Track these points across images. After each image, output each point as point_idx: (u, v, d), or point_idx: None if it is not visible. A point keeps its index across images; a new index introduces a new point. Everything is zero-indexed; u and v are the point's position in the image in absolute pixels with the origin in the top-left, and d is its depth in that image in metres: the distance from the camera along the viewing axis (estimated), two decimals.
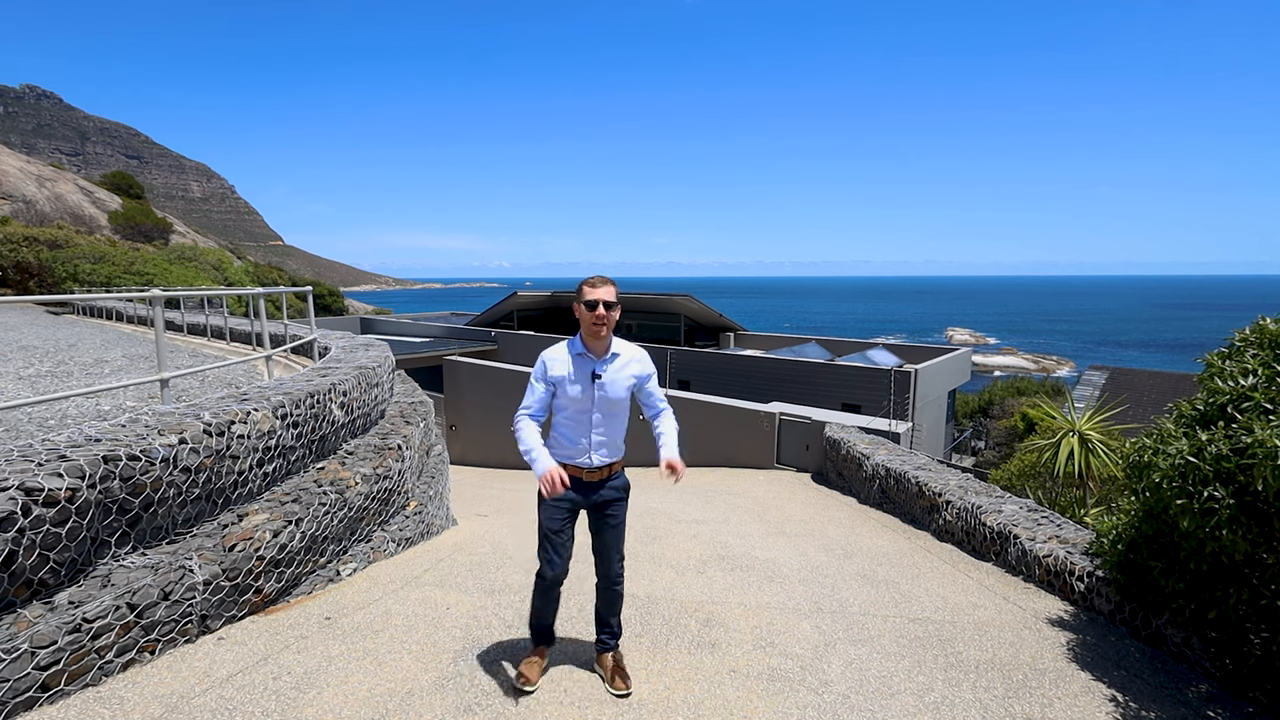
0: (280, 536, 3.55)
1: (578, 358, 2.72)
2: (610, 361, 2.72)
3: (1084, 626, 3.75)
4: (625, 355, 2.77)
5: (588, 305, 2.64)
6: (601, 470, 2.74)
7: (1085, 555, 4.31)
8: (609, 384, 2.69)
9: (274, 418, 4.00)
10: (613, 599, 2.86)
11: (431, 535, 5.45)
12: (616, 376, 2.71)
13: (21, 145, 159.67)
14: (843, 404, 15.34)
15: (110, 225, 38.26)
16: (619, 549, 2.82)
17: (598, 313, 2.63)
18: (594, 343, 2.71)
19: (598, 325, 2.64)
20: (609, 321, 2.66)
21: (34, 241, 25.29)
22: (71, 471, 2.70)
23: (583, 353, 2.71)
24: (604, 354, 2.72)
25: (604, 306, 2.63)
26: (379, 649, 3.03)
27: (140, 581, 2.79)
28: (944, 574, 4.75)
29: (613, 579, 2.82)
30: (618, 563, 2.81)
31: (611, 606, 2.88)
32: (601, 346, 2.72)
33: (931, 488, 6.29)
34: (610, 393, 2.69)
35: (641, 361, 2.81)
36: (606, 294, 2.65)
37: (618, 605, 2.89)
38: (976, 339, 78.29)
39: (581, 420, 2.70)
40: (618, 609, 2.90)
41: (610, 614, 2.89)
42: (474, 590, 3.91)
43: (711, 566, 4.70)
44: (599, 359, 2.71)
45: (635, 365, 2.78)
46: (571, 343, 2.76)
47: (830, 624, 3.62)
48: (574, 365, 2.70)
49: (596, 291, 2.64)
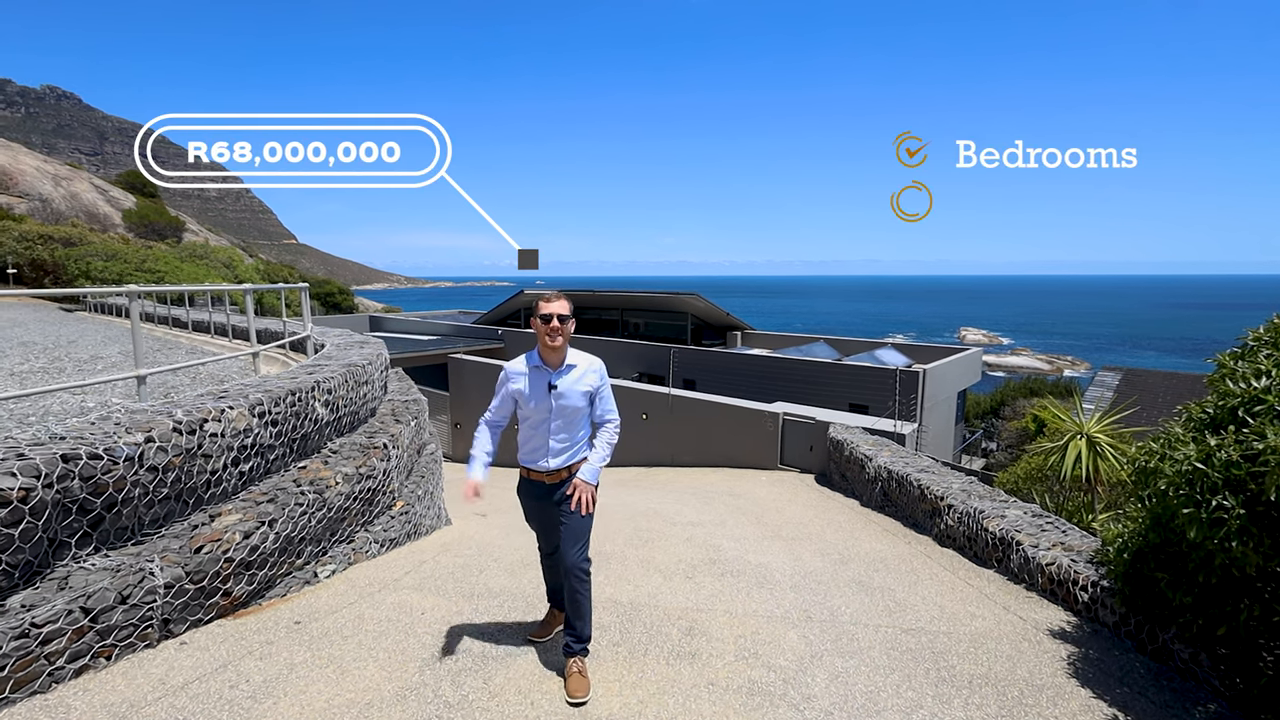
0: (252, 538, 3.46)
1: (534, 370, 2.85)
2: (566, 373, 2.84)
3: (1087, 639, 3.58)
4: (581, 366, 2.88)
5: (542, 319, 2.76)
6: (560, 472, 2.86)
7: (1090, 564, 4.13)
8: (565, 394, 2.81)
9: (250, 415, 3.92)
10: (574, 598, 2.81)
11: (419, 536, 5.36)
12: (573, 387, 2.83)
13: (42, 145, 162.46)
14: (850, 404, 15.11)
15: (124, 223, 38.71)
16: (579, 541, 2.81)
17: (551, 325, 2.75)
18: (549, 354, 2.81)
19: (552, 337, 2.76)
20: (564, 334, 2.78)
21: (49, 239, 25.59)
22: (26, 470, 2.62)
23: (539, 365, 2.84)
24: (559, 365, 2.84)
25: (558, 320, 2.76)
26: (344, 656, 2.93)
27: (96, 584, 2.70)
28: (943, 581, 4.58)
29: (571, 570, 2.79)
30: (574, 553, 2.79)
31: (574, 605, 2.82)
32: (557, 358, 2.83)
33: (934, 491, 6.11)
34: (567, 402, 2.81)
35: (597, 372, 2.92)
36: (560, 308, 2.77)
37: (580, 605, 2.81)
38: (990, 339, 77.37)
39: (540, 428, 2.83)
40: (581, 609, 2.82)
41: (574, 613, 2.83)
42: (453, 594, 3.81)
43: (701, 571, 4.57)
44: (554, 370, 2.83)
45: (591, 376, 2.89)
46: (529, 355, 2.89)
47: (818, 634, 3.48)
48: (531, 377, 2.84)
49: (550, 305, 2.76)
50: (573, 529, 2.80)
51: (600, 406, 2.93)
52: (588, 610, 2.84)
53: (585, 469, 2.85)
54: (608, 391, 2.96)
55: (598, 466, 2.88)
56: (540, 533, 3.07)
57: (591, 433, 2.99)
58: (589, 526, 2.87)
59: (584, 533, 2.82)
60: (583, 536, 2.81)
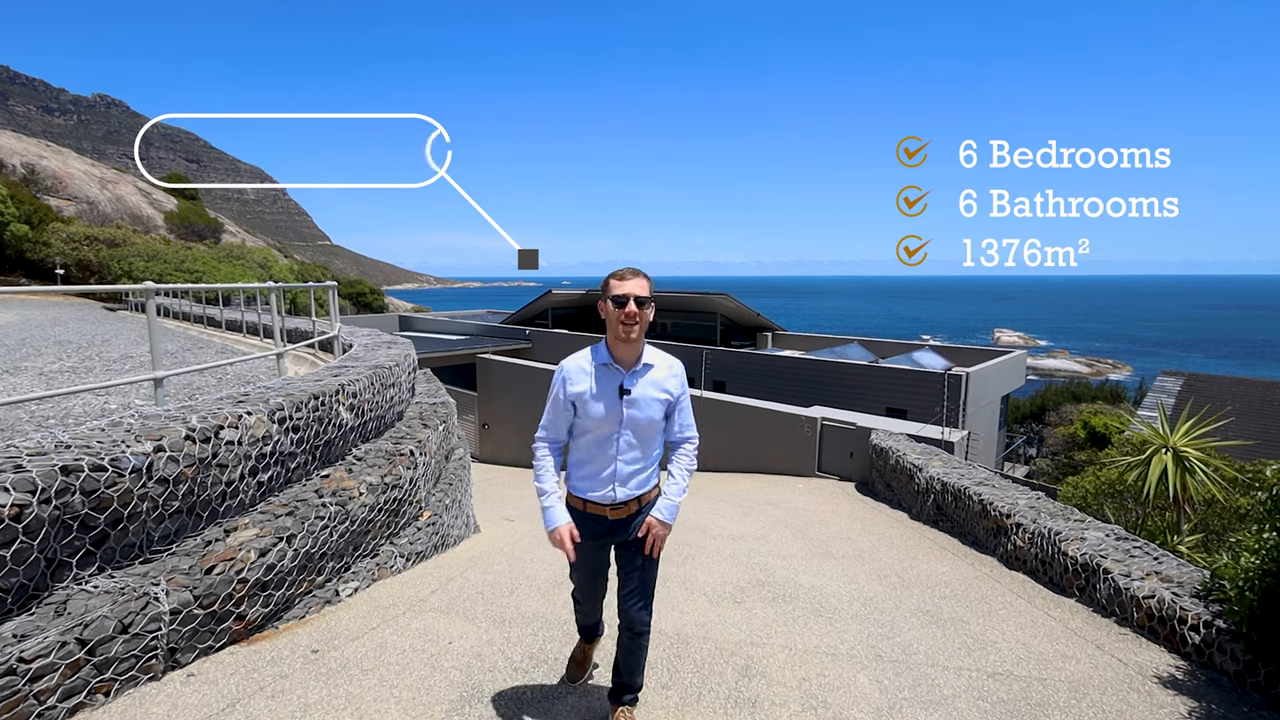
0: (268, 556, 3.20)
1: (602, 369, 2.22)
2: (642, 374, 2.23)
3: (1204, 690, 3.10)
4: (661, 366, 2.27)
5: (615, 301, 2.13)
6: (628, 505, 2.28)
7: (1197, 599, 3.63)
8: (640, 401, 2.21)
9: (270, 421, 3.66)
10: (633, 650, 2.38)
11: (447, 547, 5.08)
12: (649, 392, 2.22)
13: (92, 151, 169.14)
14: (887, 409, 14.52)
15: (166, 225, 39.79)
16: (645, 594, 2.34)
17: (628, 310, 2.12)
18: (623, 349, 2.20)
19: (628, 326, 2.14)
20: (642, 322, 2.15)
21: (94, 240, 26.37)
22: (21, 485, 2.37)
23: (608, 363, 2.22)
24: (635, 364, 2.23)
25: (635, 303, 2.12)
26: (363, 695, 2.63)
27: (94, 613, 2.45)
28: (1020, 611, 4.11)
29: (634, 627, 2.34)
30: (639, 609, 2.32)
31: (631, 659, 2.40)
32: (632, 354, 2.22)
33: (998, 507, 5.61)
34: (641, 412, 2.21)
35: (679, 377, 2.33)
36: (638, 288, 2.14)
37: (638, 658, 2.40)
38: (1026, 341, 74.86)
39: (607, 445, 2.23)
40: (638, 662, 2.41)
41: (630, 667, 2.41)
42: (482, 619, 3.49)
43: (750, 595, 4.18)
44: (628, 370, 2.22)
45: (672, 381, 2.29)
46: (595, 350, 2.26)
47: (893, 678, 3.07)
48: (598, 378, 2.21)
49: (625, 284, 2.14)
50: (642, 580, 2.30)
51: (679, 420, 2.35)
52: (644, 661, 2.44)
53: (663, 504, 2.29)
54: (688, 402, 2.37)
55: (676, 502, 2.30)
56: (586, 582, 2.45)
57: (664, 454, 2.40)
58: (656, 576, 2.37)
59: (653, 581, 2.35)
60: (651, 586, 2.33)
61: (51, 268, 23.78)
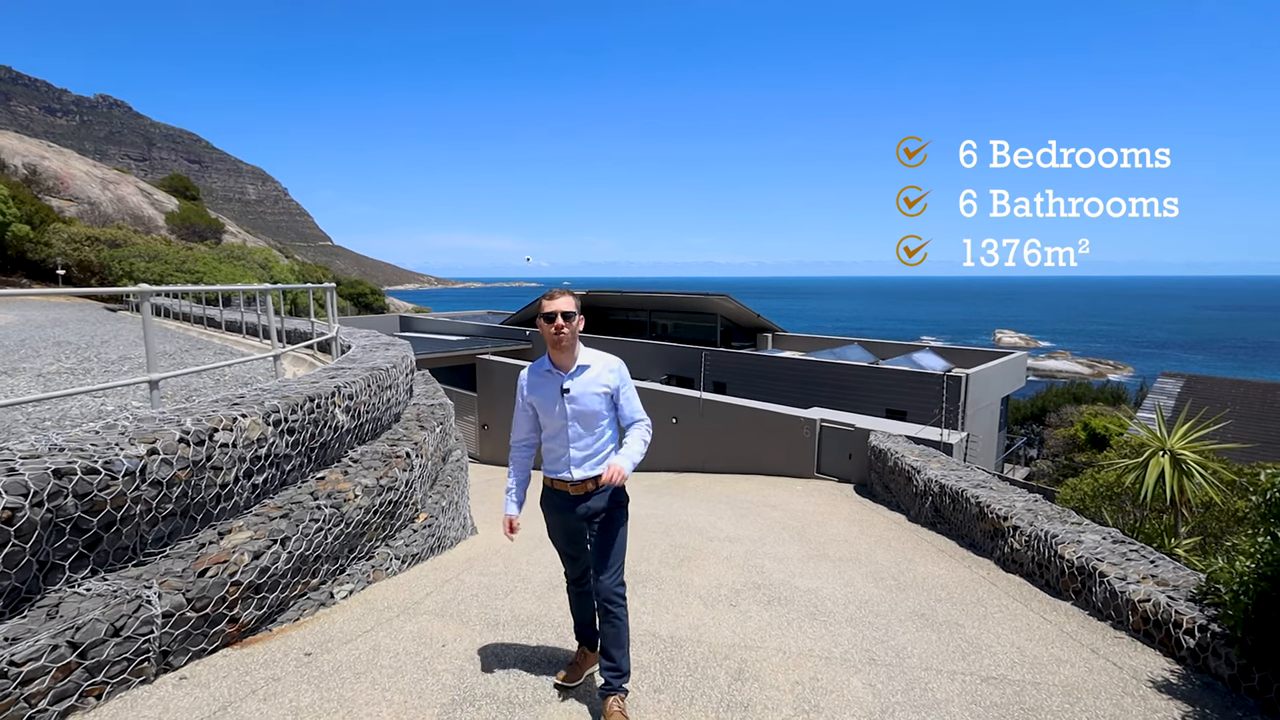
0: (262, 558, 3.20)
1: (546, 375, 2.65)
2: (578, 374, 2.63)
3: (1198, 695, 3.09)
4: (596, 366, 2.67)
5: (545, 318, 2.55)
6: (585, 483, 2.64)
7: (1193, 603, 3.63)
8: (580, 397, 2.60)
9: (265, 424, 3.66)
10: (610, 623, 2.55)
11: (443, 549, 5.08)
12: (587, 389, 2.62)
13: (94, 151, 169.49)
14: (886, 410, 14.50)
15: (167, 225, 39.85)
16: (612, 563, 2.60)
17: (556, 324, 2.54)
18: (559, 356, 2.63)
19: (558, 336, 2.55)
20: (570, 332, 2.57)
21: (95, 241, 26.43)
22: (13, 488, 2.38)
23: (550, 369, 2.65)
24: (571, 367, 2.64)
25: (562, 317, 2.55)
26: (356, 699, 2.63)
27: (86, 616, 2.45)
28: (1015, 615, 4.11)
29: (605, 596, 2.54)
30: (609, 578, 2.58)
31: (611, 634, 2.55)
32: (568, 359, 2.63)
33: (995, 510, 5.60)
34: (582, 406, 2.60)
35: (615, 371, 2.70)
36: (563, 305, 2.56)
37: (618, 634, 2.55)
38: (1026, 342, 74.77)
39: (559, 436, 2.64)
40: (619, 639, 2.55)
41: (611, 645, 2.56)
42: (476, 622, 3.49)
43: (745, 598, 4.18)
44: (566, 373, 2.63)
45: (608, 375, 2.67)
46: (540, 360, 2.70)
47: (886, 681, 3.06)
48: (544, 383, 2.65)
49: (554, 303, 2.56)
50: (604, 548, 2.58)
51: (625, 408, 2.70)
52: (626, 640, 2.58)
53: (622, 454, 2.61)
54: (631, 392, 2.72)
55: (633, 457, 2.62)
56: (565, 553, 2.82)
57: (620, 437, 2.77)
58: (623, 546, 2.65)
59: (618, 553, 2.61)
60: (617, 558, 2.60)
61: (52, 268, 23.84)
